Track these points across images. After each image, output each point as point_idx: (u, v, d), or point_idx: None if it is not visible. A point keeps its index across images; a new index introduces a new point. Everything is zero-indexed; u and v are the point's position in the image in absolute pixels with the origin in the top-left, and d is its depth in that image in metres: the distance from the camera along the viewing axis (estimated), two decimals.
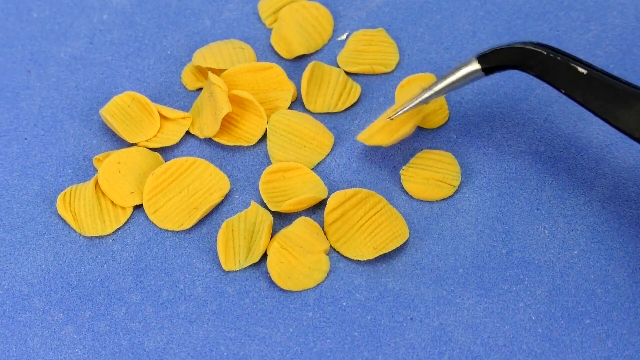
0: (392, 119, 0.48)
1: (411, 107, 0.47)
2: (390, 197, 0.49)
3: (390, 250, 0.47)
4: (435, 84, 0.47)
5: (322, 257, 0.47)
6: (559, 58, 0.43)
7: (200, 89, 0.52)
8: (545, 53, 0.43)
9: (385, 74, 0.53)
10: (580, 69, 0.43)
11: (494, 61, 0.45)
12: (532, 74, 0.44)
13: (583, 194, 0.49)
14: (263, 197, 0.49)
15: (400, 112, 0.48)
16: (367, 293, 0.47)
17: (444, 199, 0.49)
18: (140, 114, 0.51)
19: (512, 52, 0.44)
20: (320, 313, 0.46)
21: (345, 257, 0.47)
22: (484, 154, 0.50)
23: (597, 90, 0.42)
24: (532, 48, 0.44)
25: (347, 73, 0.52)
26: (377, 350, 0.45)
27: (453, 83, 0.46)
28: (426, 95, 0.47)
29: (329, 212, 0.48)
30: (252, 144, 0.50)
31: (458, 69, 0.46)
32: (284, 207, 0.48)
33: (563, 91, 0.43)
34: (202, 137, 0.51)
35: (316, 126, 0.51)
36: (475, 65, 0.45)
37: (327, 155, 0.50)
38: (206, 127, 0.50)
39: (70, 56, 0.53)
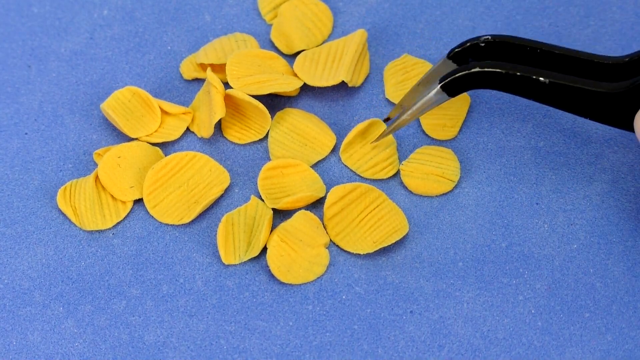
0: (375, 143, 0.50)
1: (386, 134, 0.49)
2: (390, 191, 0.49)
3: (389, 244, 0.47)
4: (404, 111, 0.48)
5: (321, 250, 0.47)
6: (518, 74, 0.44)
7: (196, 79, 0.52)
8: (503, 72, 0.44)
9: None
10: (542, 79, 0.43)
11: (457, 87, 0.45)
12: (498, 90, 0.45)
13: (582, 189, 0.49)
14: (261, 193, 0.49)
15: (379, 138, 0.49)
16: (367, 286, 0.47)
17: (443, 194, 0.49)
18: (141, 109, 0.51)
19: (473, 76, 0.45)
20: (320, 306, 0.46)
21: (345, 251, 0.48)
22: (484, 149, 0.50)
23: (562, 95, 0.44)
24: (490, 70, 0.44)
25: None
26: (377, 343, 0.45)
27: (420, 108, 0.47)
28: (397, 123, 0.48)
29: (329, 207, 0.48)
30: (261, 137, 0.51)
31: (423, 95, 0.47)
32: (281, 205, 0.48)
33: (530, 99, 0.45)
34: (199, 136, 0.51)
35: (319, 126, 0.51)
36: (440, 92, 0.46)
37: None
38: (203, 127, 0.50)
39: (70, 51, 0.54)
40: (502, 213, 0.48)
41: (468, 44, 0.46)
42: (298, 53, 0.53)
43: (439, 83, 0.45)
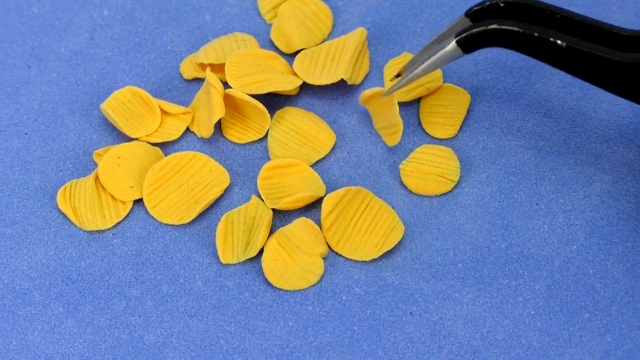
0: (384, 97, 0.49)
1: (398, 87, 0.48)
2: (390, 191, 0.49)
3: (391, 247, 0.47)
4: (417, 65, 0.47)
5: (317, 260, 0.47)
6: (535, 34, 0.43)
7: (196, 79, 0.52)
8: (521, 31, 0.43)
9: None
10: (560, 42, 0.42)
11: (473, 43, 0.44)
12: (513, 50, 0.44)
13: (582, 189, 0.49)
14: (261, 193, 0.49)
15: (390, 91, 0.48)
16: (367, 287, 0.47)
17: (443, 194, 0.49)
18: (141, 109, 0.51)
19: (490, 34, 0.43)
20: (320, 307, 0.46)
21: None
22: (484, 149, 0.50)
23: (578, 60, 0.43)
24: (507, 28, 0.43)
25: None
26: (377, 344, 0.46)
27: (434, 64, 0.46)
28: (409, 77, 0.47)
29: (325, 217, 0.48)
30: (261, 137, 0.51)
31: (438, 49, 0.45)
32: (281, 205, 0.48)
33: (545, 62, 0.44)
34: (199, 136, 0.51)
35: (319, 125, 0.51)
36: (455, 47, 0.45)
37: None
38: (203, 127, 0.50)
39: (70, 51, 0.54)
40: (501, 213, 0.48)
41: (487, 3, 0.45)
42: (298, 52, 0.53)
43: (455, 38, 0.44)
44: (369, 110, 0.50)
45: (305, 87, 0.52)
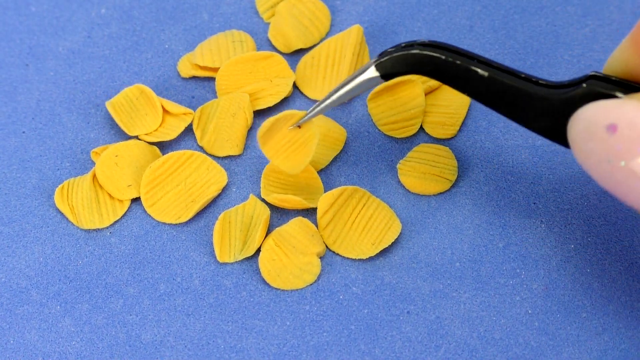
0: (299, 126, 0.47)
1: (314, 114, 0.46)
2: (387, 190, 0.49)
3: (388, 245, 0.47)
4: (336, 91, 0.45)
5: (313, 259, 0.47)
6: (458, 62, 0.41)
7: (193, 77, 0.52)
8: (443, 57, 0.41)
9: None
10: (481, 72, 0.41)
11: (391, 68, 0.43)
12: (432, 78, 0.42)
13: (580, 188, 0.49)
14: (262, 180, 0.49)
15: (305, 119, 0.47)
16: (364, 286, 0.47)
17: (440, 193, 0.49)
18: (146, 107, 0.51)
19: (409, 58, 0.42)
20: (317, 306, 0.46)
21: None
22: (481, 148, 0.50)
23: (499, 93, 0.41)
24: (429, 53, 0.41)
25: None
26: (374, 343, 0.46)
27: (352, 90, 0.45)
28: (327, 102, 0.46)
29: (322, 216, 0.48)
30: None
31: (357, 76, 0.44)
32: (270, 199, 0.48)
33: (465, 94, 0.42)
34: (200, 144, 0.50)
35: (328, 122, 0.51)
36: (374, 73, 0.43)
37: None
38: (221, 146, 0.50)
39: (68, 50, 0.53)
40: (499, 213, 0.48)
41: (403, 44, 0.43)
42: (296, 51, 0.53)
43: (374, 62, 0.43)
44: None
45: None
